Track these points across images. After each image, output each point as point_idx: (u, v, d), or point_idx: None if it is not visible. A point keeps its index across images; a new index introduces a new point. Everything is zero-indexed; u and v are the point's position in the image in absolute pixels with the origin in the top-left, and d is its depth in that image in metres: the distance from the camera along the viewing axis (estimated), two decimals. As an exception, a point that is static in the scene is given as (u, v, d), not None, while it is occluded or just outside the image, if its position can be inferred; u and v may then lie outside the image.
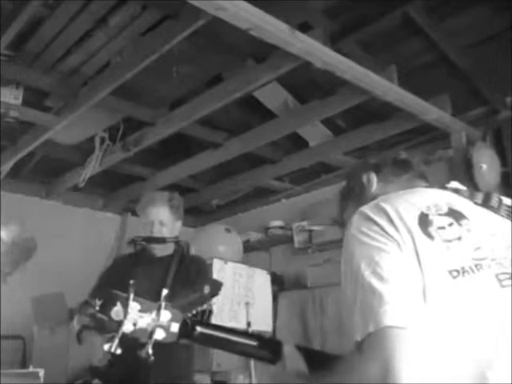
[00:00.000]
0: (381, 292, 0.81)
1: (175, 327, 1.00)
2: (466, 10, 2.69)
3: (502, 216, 1.00)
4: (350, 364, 0.84)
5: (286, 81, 3.25)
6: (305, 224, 4.38)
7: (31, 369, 2.86)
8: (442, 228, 0.91)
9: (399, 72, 2.85)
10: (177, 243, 2.38)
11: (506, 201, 1.04)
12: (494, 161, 3.29)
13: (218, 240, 4.27)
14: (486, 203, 1.03)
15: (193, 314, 1.76)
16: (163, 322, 0.99)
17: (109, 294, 0.97)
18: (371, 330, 0.79)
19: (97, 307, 0.98)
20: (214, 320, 2.11)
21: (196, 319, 1.76)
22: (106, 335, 0.97)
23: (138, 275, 2.14)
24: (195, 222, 5.22)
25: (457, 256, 0.87)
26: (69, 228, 4.42)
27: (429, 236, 0.89)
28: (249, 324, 3.40)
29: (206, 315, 1.85)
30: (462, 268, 0.85)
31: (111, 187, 4.78)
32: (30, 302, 3.65)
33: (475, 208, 1.01)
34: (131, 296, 0.97)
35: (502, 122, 3.41)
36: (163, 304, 0.99)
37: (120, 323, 0.95)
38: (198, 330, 1.05)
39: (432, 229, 0.90)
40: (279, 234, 4.62)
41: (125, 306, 0.96)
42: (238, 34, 2.32)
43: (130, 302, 0.96)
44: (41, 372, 2.74)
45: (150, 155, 4.17)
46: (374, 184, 1.19)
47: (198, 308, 1.74)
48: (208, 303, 1.79)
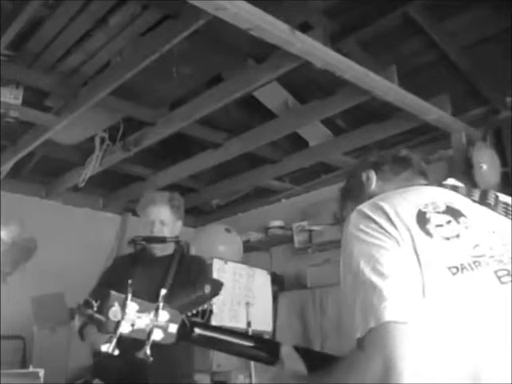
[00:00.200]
0: (381, 288, 0.81)
1: (173, 328, 1.00)
2: (466, 10, 2.69)
3: (499, 213, 1.00)
4: (352, 361, 0.84)
5: (286, 81, 3.25)
6: (305, 224, 4.38)
7: (31, 369, 2.86)
8: (440, 226, 0.91)
9: (399, 72, 2.85)
10: (177, 243, 2.38)
11: (503, 198, 1.04)
12: (494, 161, 3.28)
13: (218, 240, 4.27)
14: (482, 200, 1.03)
15: (193, 314, 1.76)
16: (161, 323, 0.98)
17: (107, 294, 0.96)
18: (372, 325, 0.79)
19: (94, 307, 0.97)
20: (214, 320, 2.12)
21: (195, 319, 1.77)
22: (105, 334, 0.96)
23: (138, 275, 2.14)
24: (195, 221, 5.22)
25: (456, 253, 0.87)
26: (69, 228, 4.41)
27: (427, 233, 0.89)
28: (249, 324, 3.40)
29: (207, 315, 1.85)
30: (461, 265, 0.85)
31: (111, 187, 4.77)
32: (30, 302, 3.64)
33: (473, 205, 1.01)
34: (129, 296, 0.96)
35: (502, 122, 3.41)
36: (161, 304, 0.99)
37: (118, 324, 0.94)
38: (196, 331, 1.05)
39: (430, 226, 0.90)
40: (279, 234, 4.62)
41: (123, 306, 0.95)
42: (238, 34, 2.32)
43: (128, 302, 0.96)
44: (41, 372, 2.74)
45: (150, 155, 4.18)
46: (373, 182, 1.20)
47: (199, 308, 1.74)
48: (208, 303, 1.79)
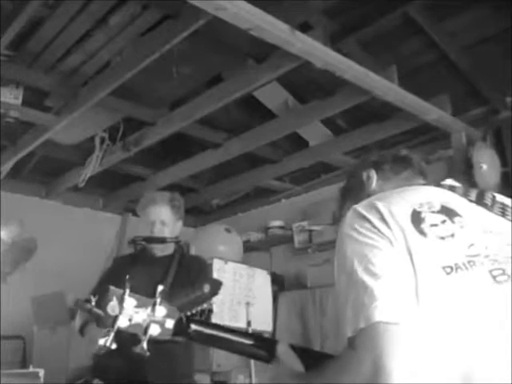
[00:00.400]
0: (372, 288, 0.81)
1: (170, 323, 1.00)
2: (466, 10, 2.70)
3: (496, 213, 1.00)
4: (342, 361, 0.83)
5: (286, 81, 3.25)
6: (305, 224, 4.38)
7: (31, 369, 2.86)
8: (434, 225, 0.91)
9: (399, 72, 2.85)
10: (177, 243, 2.37)
11: (500, 198, 1.04)
12: (494, 161, 3.28)
13: (218, 240, 4.27)
14: (479, 200, 1.02)
15: (192, 313, 1.76)
16: (158, 318, 0.99)
17: (105, 290, 0.98)
18: (362, 325, 0.79)
19: (93, 302, 0.99)
20: (214, 319, 2.11)
21: (194, 318, 1.77)
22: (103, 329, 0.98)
23: (138, 275, 2.13)
24: (195, 221, 5.22)
25: (450, 252, 0.87)
26: (69, 228, 4.41)
27: (421, 233, 0.89)
28: (249, 324, 3.39)
29: (206, 314, 1.85)
30: (456, 264, 0.84)
31: (111, 187, 4.78)
32: (30, 302, 3.65)
33: (469, 205, 1.01)
34: (127, 291, 0.97)
35: (502, 122, 3.41)
36: (158, 300, 1.00)
37: (115, 318, 0.95)
38: (192, 327, 1.05)
39: (425, 226, 0.90)
40: (279, 234, 4.62)
41: (120, 301, 0.96)
42: (238, 34, 2.32)
43: (126, 297, 0.97)
44: (41, 372, 2.74)
45: (150, 155, 4.18)
46: (374, 181, 1.20)
47: (198, 307, 1.74)
48: (208, 302, 1.79)
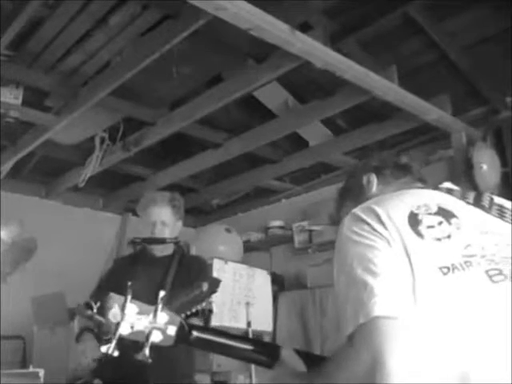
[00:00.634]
0: (372, 285, 0.82)
1: (172, 330, 1.00)
2: (466, 10, 2.69)
3: (493, 215, 1.01)
4: (341, 356, 0.84)
5: (286, 81, 3.25)
6: (305, 224, 4.38)
7: (31, 369, 2.86)
8: (431, 227, 0.92)
9: (399, 72, 2.85)
10: (176, 244, 2.37)
11: (498, 200, 1.05)
12: (495, 161, 3.29)
13: (219, 240, 4.27)
14: (477, 202, 1.03)
15: (192, 313, 1.76)
16: (160, 325, 0.99)
17: (107, 296, 0.97)
18: (361, 321, 0.80)
19: (95, 309, 0.98)
20: (214, 320, 2.12)
21: (195, 321, 1.77)
22: (104, 338, 0.97)
23: (138, 275, 2.14)
24: (195, 222, 5.22)
25: (447, 253, 0.88)
26: (69, 228, 4.41)
27: (418, 234, 0.90)
28: (249, 324, 3.40)
29: (206, 314, 1.86)
30: (452, 265, 0.85)
31: (111, 187, 4.77)
32: (30, 302, 3.64)
33: (466, 207, 1.02)
34: (129, 298, 0.97)
35: (502, 122, 3.41)
36: (160, 306, 1.00)
37: (117, 325, 0.95)
38: (194, 334, 1.05)
39: (421, 227, 0.91)
40: (279, 234, 4.62)
41: (122, 308, 0.96)
42: (238, 34, 2.32)
43: (128, 304, 0.97)
44: (41, 372, 2.74)
45: (150, 155, 4.17)
46: (374, 186, 1.21)
47: (198, 306, 1.74)
48: (207, 301, 1.79)
